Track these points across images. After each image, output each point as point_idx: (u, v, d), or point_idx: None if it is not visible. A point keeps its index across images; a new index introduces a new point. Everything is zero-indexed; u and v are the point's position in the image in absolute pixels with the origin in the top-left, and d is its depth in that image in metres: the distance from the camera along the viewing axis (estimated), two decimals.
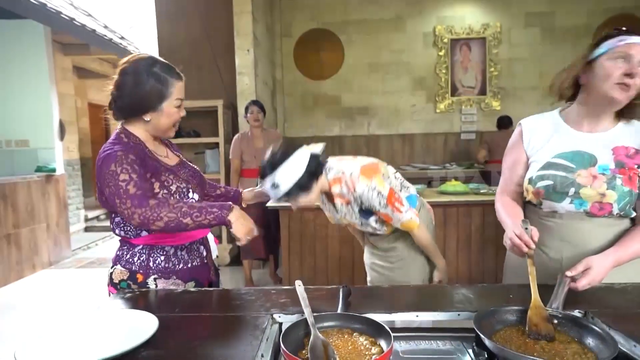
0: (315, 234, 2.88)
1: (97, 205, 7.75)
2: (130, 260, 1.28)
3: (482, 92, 5.50)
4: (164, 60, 1.27)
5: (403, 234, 1.66)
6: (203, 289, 1.29)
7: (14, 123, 5.10)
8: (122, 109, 1.25)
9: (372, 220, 1.56)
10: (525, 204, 1.34)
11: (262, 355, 0.85)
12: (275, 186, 1.35)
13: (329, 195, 1.58)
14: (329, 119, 5.70)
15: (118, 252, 1.31)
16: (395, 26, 5.42)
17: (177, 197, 1.26)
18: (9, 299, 3.75)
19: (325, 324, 0.92)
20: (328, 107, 5.67)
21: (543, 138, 1.28)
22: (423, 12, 5.40)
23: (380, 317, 0.93)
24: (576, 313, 0.96)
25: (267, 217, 3.33)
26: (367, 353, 0.82)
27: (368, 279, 1.85)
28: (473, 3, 5.42)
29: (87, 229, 6.69)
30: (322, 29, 5.51)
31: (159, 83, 1.21)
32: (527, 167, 1.31)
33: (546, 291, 1.00)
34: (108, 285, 1.31)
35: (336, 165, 1.51)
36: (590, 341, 0.83)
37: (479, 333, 0.80)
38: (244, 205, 1.62)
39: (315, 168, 1.40)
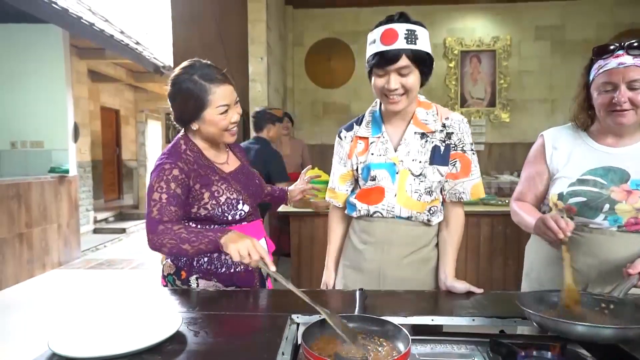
0: (325, 241, 2.90)
1: (106, 207, 7.84)
2: (179, 256, 1.32)
3: (492, 104, 5.53)
4: (207, 64, 1.24)
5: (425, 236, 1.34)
6: (222, 289, 1.31)
7: (30, 124, 5.22)
8: (175, 118, 1.29)
9: (439, 172, 1.25)
10: None
11: (283, 354, 0.88)
12: (413, 35, 1.13)
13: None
14: (338, 127, 5.70)
15: None
16: None
17: (225, 208, 1.26)
18: (19, 297, 3.81)
19: None
20: (337, 115, 5.72)
21: (567, 152, 1.27)
22: (434, 23, 5.45)
23: (396, 320, 0.95)
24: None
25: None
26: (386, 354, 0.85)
27: (341, 282, 1.42)
28: (484, 16, 5.47)
29: (95, 231, 6.76)
30: (334, 39, 5.59)
31: (196, 92, 1.20)
32: (547, 182, 1.30)
33: None
34: (161, 276, 1.37)
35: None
36: None
37: (525, 309, 0.87)
38: (290, 205, 1.61)
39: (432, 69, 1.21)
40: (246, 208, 1.31)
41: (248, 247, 1.06)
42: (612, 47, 1.14)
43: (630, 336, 0.80)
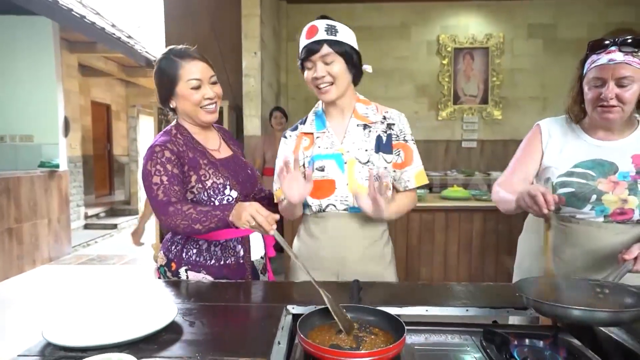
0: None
1: (97, 203, 7.77)
2: (170, 247, 1.33)
3: (484, 101, 5.56)
4: (186, 46, 1.30)
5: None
6: (218, 280, 1.31)
7: (19, 118, 5.14)
8: (158, 100, 1.33)
9: (385, 159, 1.29)
10: None
11: (279, 343, 0.89)
12: (333, 29, 1.27)
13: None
14: None
15: (166, 238, 1.38)
16: (400, 34, 5.48)
17: (211, 192, 1.26)
18: (9, 293, 3.76)
19: None
20: None
21: (560, 142, 1.29)
22: (428, 20, 5.47)
23: (391, 311, 0.96)
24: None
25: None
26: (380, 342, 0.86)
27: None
28: (477, 13, 5.50)
29: (86, 226, 6.70)
30: None
31: (168, 68, 1.26)
32: (538, 165, 1.32)
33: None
34: (156, 267, 1.40)
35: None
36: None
37: (523, 294, 0.90)
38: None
39: (360, 67, 1.32)
40: (234, 194, 1.30)
41: (252, 215, 1.11)
42: (606, 43, 1.16)
43: (624, 319, 0.81)
